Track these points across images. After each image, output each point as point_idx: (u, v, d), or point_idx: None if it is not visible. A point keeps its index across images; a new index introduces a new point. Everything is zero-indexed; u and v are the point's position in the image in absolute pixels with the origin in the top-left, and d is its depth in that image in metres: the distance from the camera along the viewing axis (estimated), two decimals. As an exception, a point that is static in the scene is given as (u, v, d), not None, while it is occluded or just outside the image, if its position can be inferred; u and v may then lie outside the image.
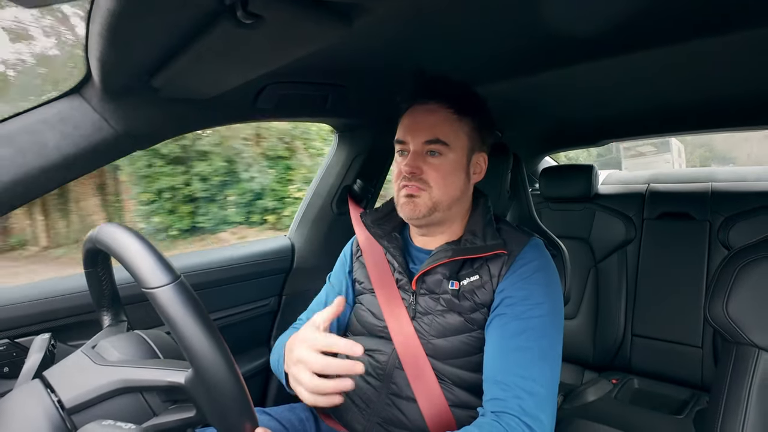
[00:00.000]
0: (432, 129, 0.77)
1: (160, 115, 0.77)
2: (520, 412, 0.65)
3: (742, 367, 0.67)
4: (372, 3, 0.51)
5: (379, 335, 0.85)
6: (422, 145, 0.77)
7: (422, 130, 0.77)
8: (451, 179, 0.78)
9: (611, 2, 0.63)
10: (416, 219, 0.79)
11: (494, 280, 0.77)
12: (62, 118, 0.68)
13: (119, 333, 0.59)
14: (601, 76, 1.00)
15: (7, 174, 0.63)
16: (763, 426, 0.63)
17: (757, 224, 1.50)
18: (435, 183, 0.77)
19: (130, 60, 0.62)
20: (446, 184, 0.78)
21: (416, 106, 0.80)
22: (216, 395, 0.40)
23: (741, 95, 1.16)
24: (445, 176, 0.77)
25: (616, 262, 1.70)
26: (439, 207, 0.78)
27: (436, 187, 0.77)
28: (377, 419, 0.81)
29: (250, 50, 0.60)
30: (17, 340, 0.82)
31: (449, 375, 0.79)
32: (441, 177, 0.77)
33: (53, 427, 0.45)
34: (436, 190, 0.77)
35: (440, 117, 0.78)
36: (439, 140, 0.77)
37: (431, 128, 0.77)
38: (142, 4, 0.47)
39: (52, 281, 0.90)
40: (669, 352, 1.57)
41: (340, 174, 1.29)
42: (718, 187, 1.67)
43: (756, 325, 0.68)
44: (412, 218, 0.80)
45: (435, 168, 0.77)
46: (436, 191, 0.77)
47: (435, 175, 0.77)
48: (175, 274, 0.42)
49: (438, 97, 0.78)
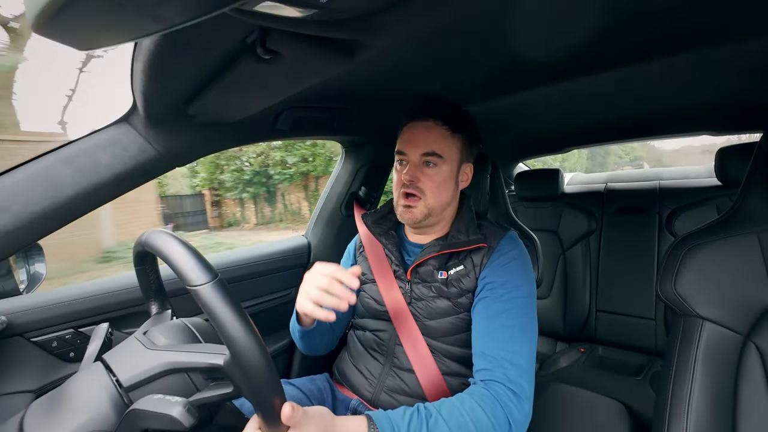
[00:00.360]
0: (429, 143, 0.77)
1: (196, 137, 0.78)
2: (506, 379, 0.64)
3: (689, 336, 0.67)
4: (370, 40, 0.51)
5: (382, 317, 0.85)
6: (420, 156, 0.77)
7: (420, 144, 0.77)
8: (443, 188, 0.78)
9: (572, 35, 0.63)
10: (414, 224, 0.80)
11: (477, 269, 0.77)
12: (113, 143, 0.68)
13: (165, 320, 0.59)
14: (564, 94, 1.00)
15: (69, 190, 0.63)
16: (708, 385, 0.63)
17: (698, 215, 1.50)
18: (429, 191, 0.77)
19: (168, 92, 0.62)
20: (439, 193, 0.78)
21: (415, 123, 0.79)
22: (250, 375, 0.41)
23: (680, 107, 1.16)
24: (438, 185, 0.77)
25: (581, 250, 1.70)
26: (433, 213, 0.78)
27: (430, 195, 0.77)
28: (383, 387, 0.81)
29: (269, 81, 0.60)
30: (80, 329, 0.82)
31: (441, 350, 0.79)
32: (435, 186, 0.77)
33: (113, 402, 0.45)
34: (430, 198, 0.77)
35: (437, 133, 0.77)
36: (435, 153, 0.76)
37: (429, 143, 0.77)
38: (177, 45, 0.47)
39: (108, 279, 0.90)
40: (627, 324, 1.57)
41: (347, 182, 1.29)
42: (665, 185, 1.67)
43: (700, 300, 0.67)
44: (410, 223, 0.80)
45: (430, 178, 0.77)
46: (430, 199, 0.77)
47: (430, 184, 0.77)
48: (214, 273, 0.42)
49: (435, 116, 0.78)
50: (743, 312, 0.65)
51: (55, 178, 0.63)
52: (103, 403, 0.45)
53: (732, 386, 0.63)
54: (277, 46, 0.47)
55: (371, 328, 0.87)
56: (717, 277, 0.67)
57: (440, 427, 0.58)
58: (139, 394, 0.46)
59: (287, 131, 0.95)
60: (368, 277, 0.90)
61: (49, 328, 0.78)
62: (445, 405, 0.61)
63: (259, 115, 0.80)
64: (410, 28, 0.50)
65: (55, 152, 0.65)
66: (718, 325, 0.65)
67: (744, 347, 0.64)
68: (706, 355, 0.64)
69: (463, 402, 0.62)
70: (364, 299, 0.90)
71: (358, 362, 0.87)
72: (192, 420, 0.41)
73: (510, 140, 1.71)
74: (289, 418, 0.44)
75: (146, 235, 0.49)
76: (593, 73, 0.81)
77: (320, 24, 0.43)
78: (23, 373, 0.74)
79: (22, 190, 0.60)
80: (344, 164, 1.30)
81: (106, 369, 0.48)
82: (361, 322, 0.91)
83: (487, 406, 0.61)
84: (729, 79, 0.90)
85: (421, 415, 0.58)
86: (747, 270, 0.66)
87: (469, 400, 0.62)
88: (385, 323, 0.85)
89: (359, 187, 1.29)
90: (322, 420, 0.50)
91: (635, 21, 0.59)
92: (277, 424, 0.45)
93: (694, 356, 0.65)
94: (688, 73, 0.85)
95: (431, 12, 0.46)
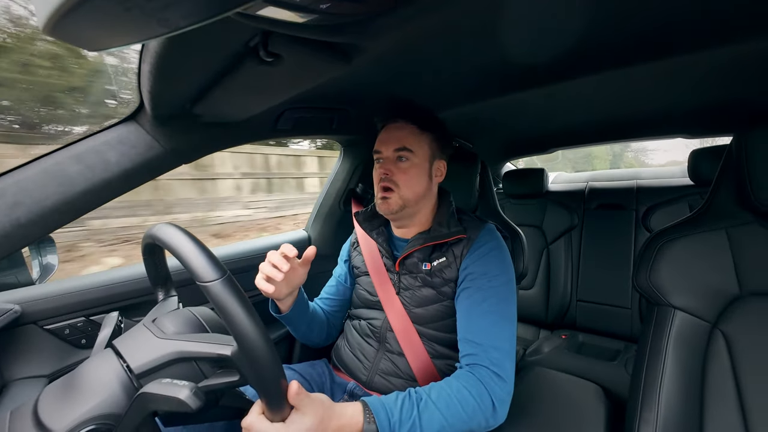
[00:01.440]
0: (400, 140, 0.79)
1: (201, 136, 0.77)
2: (489, 363, 0.66)
3: (661, 323, 0.68)
4: (368, 44, 0.50)
5: (374, 307, 0.87)
6: (393, 152, 0.79)
7: (393, 141, 0.79)
8: (415, 180, 0.79)
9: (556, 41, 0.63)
10: (390, 214, 0.80)
11: (458, 260, 0.78)
12: (121, 140, 0.67)
13: (171, 307, 0.58)
14: (548, 97, 1.00)
15: (80, 185, 0.62)
16: (678, 369, 0.64)
17: (672, 212, 1.52)
18: (403, 184, 0.78)
19: (174, 92, 0.61)
20: (412, 185, 0.79)
21: (389, 125, 0.81)
22: (256, 366, 0.41)
23: (657, 111, 1.17)
24: (410, 178, 0.78)
25: (563, 244, 1.71)
26: (408, 203, 0.79)
27: (404, 186, 0.78)
28: (377, 370, 0.82)
29: (271, 83, 0.60)
30: (92, 317, 0.81)
31: (428, 335, 0.80)
32: (408, 178, 0.78)
33: (123, 386, 0.45)
34: (404, 190, 0.78)
35: (407, 131, 0.79)
36: (405, 148, 0.78)
37: (400, 139, 0.79)
38: (182, 47, 0.46)
39: (118, 270, 0.90)
40: (605, 313, 1.59)
41: (346, 179, 1.29)
42: (642, 184, 1.69)
43: (672, 291, 0.68)
44: (387, 214, 0.81)
45: (403, 171, 0.78)
46: (404, 190, 0.78)
47: (403, 177, 0.78)
48: (224, 270, 0.41)
49: (405, 116, 0.80)
50: (712, 302, 0.66)
51: (66, 173, 0.62)
52: (113, 387, 0.45)
53: (700, 370, 0.64)
54: (279, 49, 0.46)
55: (365, 317, 0.89)
56: (688, 269, 0.68)
57: (430, 408, 0.59)
58: (149, 380, 0.46)
59: (289, 130, 0.94)
60: (362, 270, 0.91)
61: (61, 316, 0.77)
62: (434, 389, 0.62)
63: (262, 115, 0.80)
64: (405, 33, 0.50)
65: (65, 149, 0.64)
66: (688, 314, 0.66)
67: (712, 334, 0.65)
68: (677, 341, 0.66)
69: (450, 385, 0.63)
70: (358, 291, 0.92)
71: (354, 348, 0.88)
72: (199, 402, 0.41)
73: (498, 141, 1.71)
74: (294, 396, 0.46)
75: (155, 229, 0.48)
76: (576, 77, 0.81)
77: (320, 28, 0.43)
78: (37, 359, 0.74)
79: (35, 185, 0.59)
80: (342, 162, 1.29)
81: (117, 355, 0.48)
82: (356, 312, 0.92)
83: (473, 388, 0.62)
84: (703, 85, 0.90)
85: (412, 399, 0.60)
86: (716, 263, 0.67)
87: (456, 384, 0.63)
88: (378, 312, 0.86)
89: (357, 184, 1.29)
90: (322, 406, 0.51)
91: (616, 27, 0.59)
92: (280, 410, 0.45)
93: (666, 342, 0.66)
94: (665, 79, 0.85)
95: (425, 18, 0.46)
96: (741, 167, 0.65)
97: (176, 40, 0.44)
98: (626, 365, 1.31)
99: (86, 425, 0.42)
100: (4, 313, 0.68)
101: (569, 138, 1.69)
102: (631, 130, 1.48)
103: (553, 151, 1.96)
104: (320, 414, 0.49)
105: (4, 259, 0.61)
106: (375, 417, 0.55)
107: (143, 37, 0.29)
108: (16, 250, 0.60)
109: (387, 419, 0.56)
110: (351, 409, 0.55)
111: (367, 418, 0.55)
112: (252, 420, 0.47)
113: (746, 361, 0.61)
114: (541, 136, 1.66)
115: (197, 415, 0.46)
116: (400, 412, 0.57)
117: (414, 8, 0.43)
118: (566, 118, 1.31)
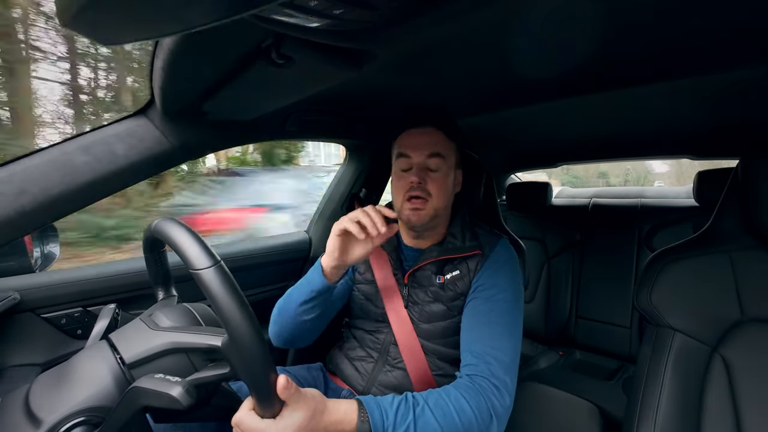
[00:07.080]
0: (433, 145, 0.77)
1: (209, 133, 0.77)
2: (489, 374, 0.64)
3: (661, 345, 0.67)
4: (379, 51, 0.51)
5: (379, 319, 0.84)
6: (426, 158, 0.76)
7: (425, 146, 0.77)
8: (445, 189, 0.78)
9: (565, 59, 0.63)
10: (420, 225, 0.78)
11: (471, 274, 0.77)
12: (130, 133, 0.68)
13: (170, 305, 0.58)
14: (555, 113, 1.00)
15: (85, 176, 0.63)
16: (676, 392, 0.63)
17: (676, 232, 1.51)
18: (435, 193, 0.76)
19: (185, 89, 0.62)
20: (443, 194, 0.77)
21: (414, 130, 0.79)
22: (245, 356, 0.40)
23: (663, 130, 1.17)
24: (441, 187, 0.77)
25: (565, 259, 1.70)
26: (439, 213, 0.78)
27: (436, 196, 0.76)
28: (375, 382, 0.81)
29: (281, 84, 0.60)
30: (89, 308, 0.81)
31: (433, 351, 0.79)
32: (439, 187, 0.76)
33: (115, 379, 0.45)
34: (436, 199, 0.76)
35: (437, 137, 0.78)
36: (439, 154, 0.76)
37: (432, 145, 0.77)
38: (196, 45, 0.46)
39: (118, 263, 0.90)
40: (604, 331, 1.57)
41: (349, 184, 1.29)
42: (646, 203, 1.68)
43: (673, 312, 0.68)
44: (416, 225, 0.78)
45: (435, 180, 0.76)
46: (435, 200, 0.76)
47: (435, 185, 0.76)
48: (216, 259, 0.41)
49: (435, 123, 0.78)
50: (713, 325, 0.65)
51: (73, 164, 0.62)
52: (106, 380, 0.45)
53: (698, 394, 0.63)
54: (291, 52, 0.47)
55: (368, 328, 0.86)
56: (690, 291, 0.68)
57: (426, 415, 0.57)
58: (141, 371, 0.45)
59: (296, 132, 0.94)
60: (366, 277, 0.88)
61: (59, 305, 0.77)
62: (432, 395, 0.61)
63: (270, 116, 0.80)
64: (417, 43, 0.50)
65: (74, 140, 0.64)
66: (688, 337, 0.66)
67: (711, 358, 0.64)
68: (676, 363, 0.65)
69: (449, 393, 0.62)
70: (359, 299, 0.88)
71: (352, 357, 0.86)
72: (190, 400, 0.40)
73: (502, 153, 1.71)
74: (282, 389, 0.44)
75: (155, 223, 0.48)
76: (583, 94, 0.81)
77: (332, 34, 0.43)
78: (32, 347, 0.74)
79: (41, 173, 0.60)
80: (347, 166, 1.30)
81: (111, 347, 0.48)
82: (358, 322, 0.89)
83: (471, 399, 0.61)
84: (710, 107, 0.90)
85: (408, 403, 0.58)
86: (718, 286, 0.66)
87: (455, 392, 0.62)
88: (382, 324, 0.83)
89: (360, 189, 1.29)
90: (314, 401, 0.49)
91: (624, 49, 0.60)
92: (270, 405, 0.45)
93: (665, 364, 0.65)
94: (671, 99, 0.86)
95: (437, 29, 0.47)
96: (746, 191, 0.64)
97: (190, 38, 0.44)
98: (623, 385, 1.29)
99: (76, 417, 0.42)
100: (2, 300, 0.68)
101: (575, 153, 1.69)
102: (636, 148, 1.48)
103: (558, 166, 1.96)
104: (312, 409, 0.48)
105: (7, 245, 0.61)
106: (369, 416, 0.54)
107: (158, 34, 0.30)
108: (19, 237, 0.60)
109: (381, 420, 0.55)
110: (345, 406, 0.54)
111: (361, 417, 0.54)
112: (242, 416, 0.46)
113: (745, 387, 0.60)
114: (547, 150, 1.66)
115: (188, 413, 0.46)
116: (395, 415, 0.56)
117: (428, 19, 0.43)
118: (572, 134, 1.32)
